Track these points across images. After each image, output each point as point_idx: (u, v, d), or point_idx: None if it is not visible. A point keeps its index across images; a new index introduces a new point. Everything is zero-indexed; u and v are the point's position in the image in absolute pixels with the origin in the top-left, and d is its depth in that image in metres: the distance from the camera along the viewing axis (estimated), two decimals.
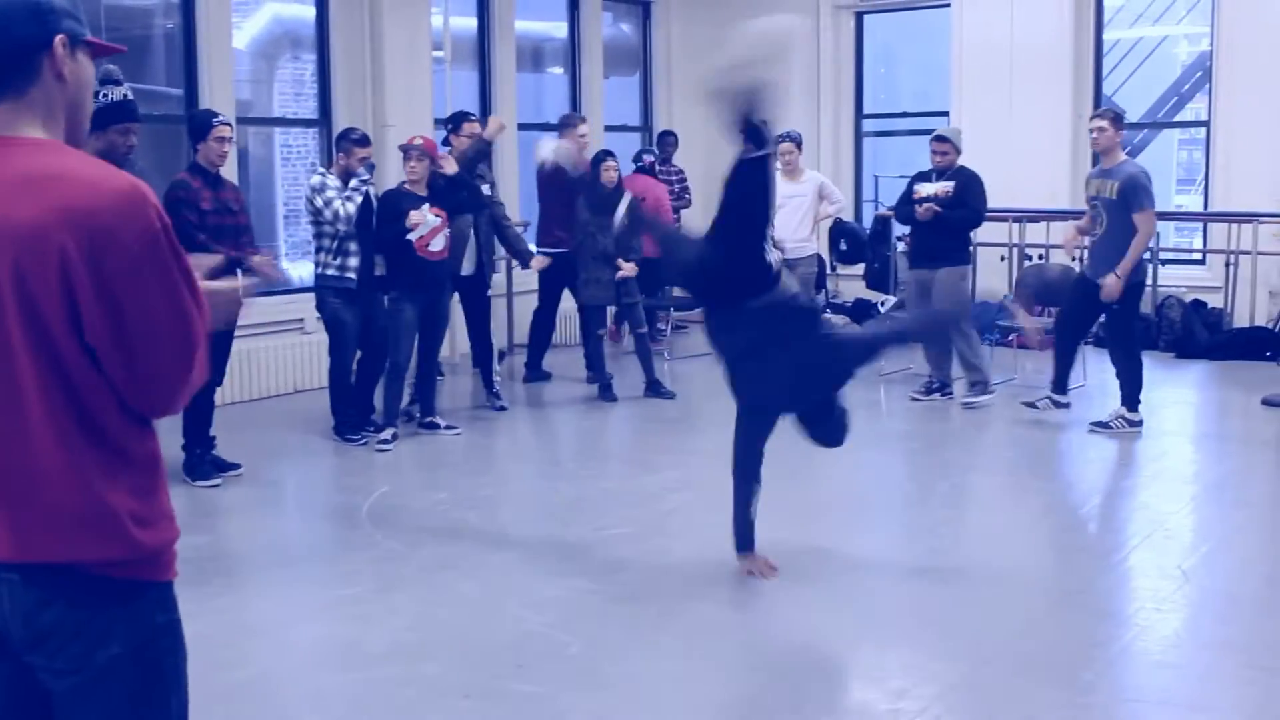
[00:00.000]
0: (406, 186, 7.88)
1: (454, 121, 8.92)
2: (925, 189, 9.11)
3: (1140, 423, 8.07)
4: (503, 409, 8.90)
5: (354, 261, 7.72)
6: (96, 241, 1.96)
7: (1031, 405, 8.47)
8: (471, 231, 8.70)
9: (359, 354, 7.99)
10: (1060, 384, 8.42)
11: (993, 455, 8.03)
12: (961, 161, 9.10)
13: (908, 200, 9.23)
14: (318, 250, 7.86)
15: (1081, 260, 9.06)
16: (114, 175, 2.04)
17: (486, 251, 8.96)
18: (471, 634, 4.85)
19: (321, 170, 8.01)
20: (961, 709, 4.19)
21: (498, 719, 4.09)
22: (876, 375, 9.48)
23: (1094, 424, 8.15)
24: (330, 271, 7.76)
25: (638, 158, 11.43)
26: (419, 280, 7.81)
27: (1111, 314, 8.14)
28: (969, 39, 12.53)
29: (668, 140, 12.36)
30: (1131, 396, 8.09)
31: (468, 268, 8.75)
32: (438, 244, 7.85)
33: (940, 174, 9.13)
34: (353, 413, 7.96)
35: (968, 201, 9.02)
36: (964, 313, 9.13)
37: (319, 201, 7.68)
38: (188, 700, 2.24)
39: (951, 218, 8.97)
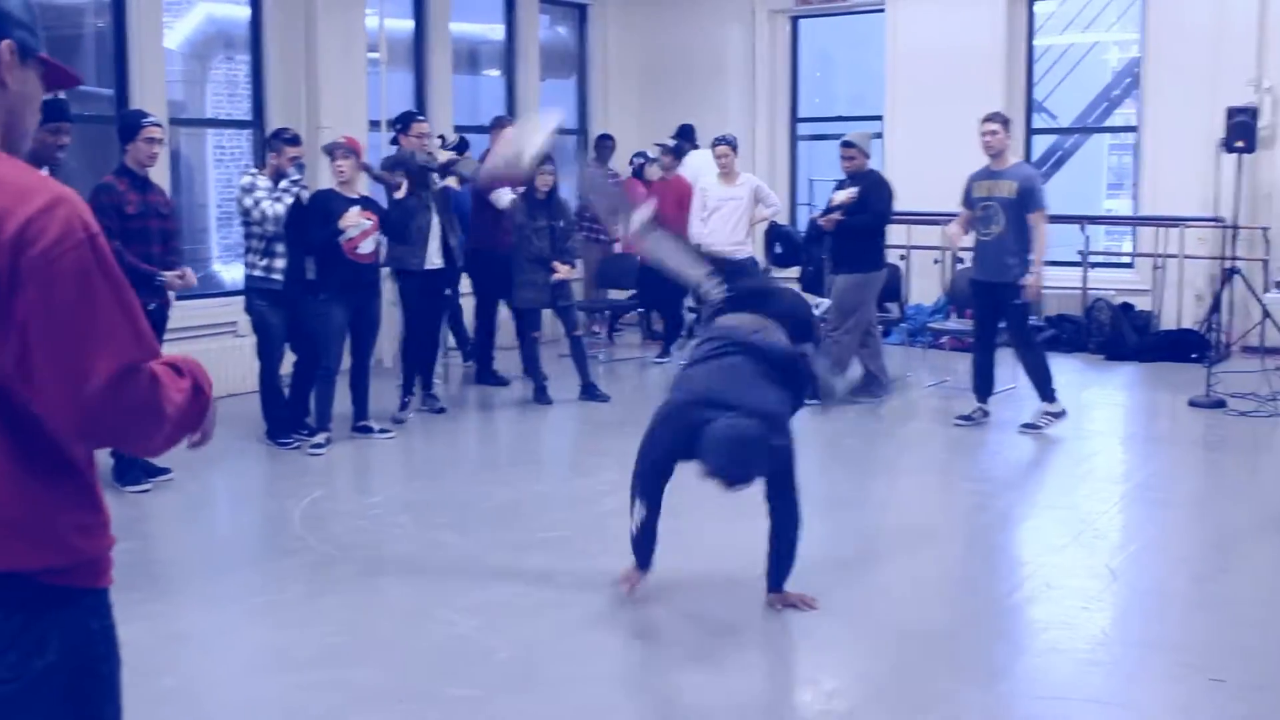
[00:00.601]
0: (336, 188, 7.83)
1: (402, 121, 8.85)
2: (837, 196, 9.23)
3: (1063, 412, 8.25)
4: (441, 411, 8.87)
5: (280, 263, 7.68)
6: (20, 250, 1.92)
7: (967, 419, 8.45)
8: (436, 224, 8.64)
9: (295, 358, 7.94)
10: (984, 391, 8.49)
11: (925, 456, 8.09)
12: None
13: (824, 210, 9.36)
14: (246, 251, 7.82)
15: (960, 262, 9.19)
16: (40, 184, 1.99)
17: (451, 246, 8.88)
18: (403, 639, 4.83)
19: (253, 171, 7.95)
20: (891, 709, 4.21)
21: None
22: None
23: (1024, 425, 8.25)
24: (256, 273, 7.72)
25: (639, 170, 11.53)
26: (348, 283, 7.76)
27: (1012, 311, 8.24)
28: (903, 44, 12.63)
29: (605, 144, 12.37)
30: (1045, 388, 8.26)
31: (435, 261, 8.70)
32: (367, 246, 7.80)
33: (849, 179, 9.21)
34: (285, 415, 7.89)
35: (870, 205, 9.10)
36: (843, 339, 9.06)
37: (248, 202, 7.63)
38: (121, 709, 2.22)
39: (852, 224, 9.06)
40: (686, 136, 12.08)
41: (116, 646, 2.20)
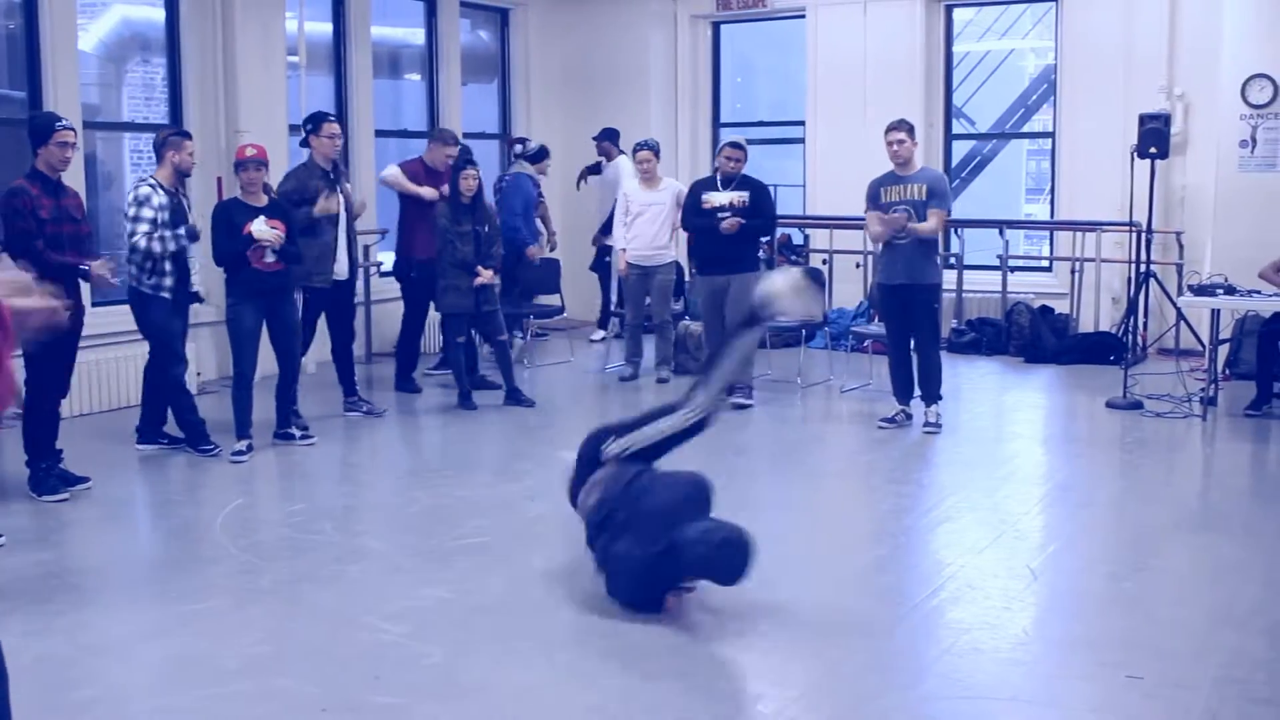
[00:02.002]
0: (241, 197, 7.74)
1: (313, 122, 8.75)
2: (717, 198, 9.27)
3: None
4: (379, 413, 8.92)
5: (169, 281, 7.48)
6: None
7: (891, 421, 8.56)
8: (343, 236, 8.59)
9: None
10: (905, 393, 8.60)
11: (846, 459, 8.14)
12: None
13: (698, 210, 9.36)
14: (128, 261, 7.54)
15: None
16: None
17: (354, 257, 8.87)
18: (328, 646, 4.78)
19: (151, 181, 7.55)
20: (816, 710, 4.24)
21: None
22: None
23: (928, 425, 8.43)
24: (145, 289, 7.48)
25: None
26: (256, 288, 7.69)
27: (929, 313, 8.38)
28: (823, 50, 12.74)
29: (542, 153, 12.28)
30: (938, 389, 8.47)
31: (340, 272, 8.64)
32: (270, 256, 7.68)
33: (728, 181, 9.28)
34: (201, 424, 7.78)
35: (764, 211, 9.32)
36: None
37: (129, 219, 7.40)
38: None
39: (752, 227, 9.21)
40: (611, 139, 12.09)
41: (2, 663, 2.14)
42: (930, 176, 8.47)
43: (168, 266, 7.45)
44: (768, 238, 9.81)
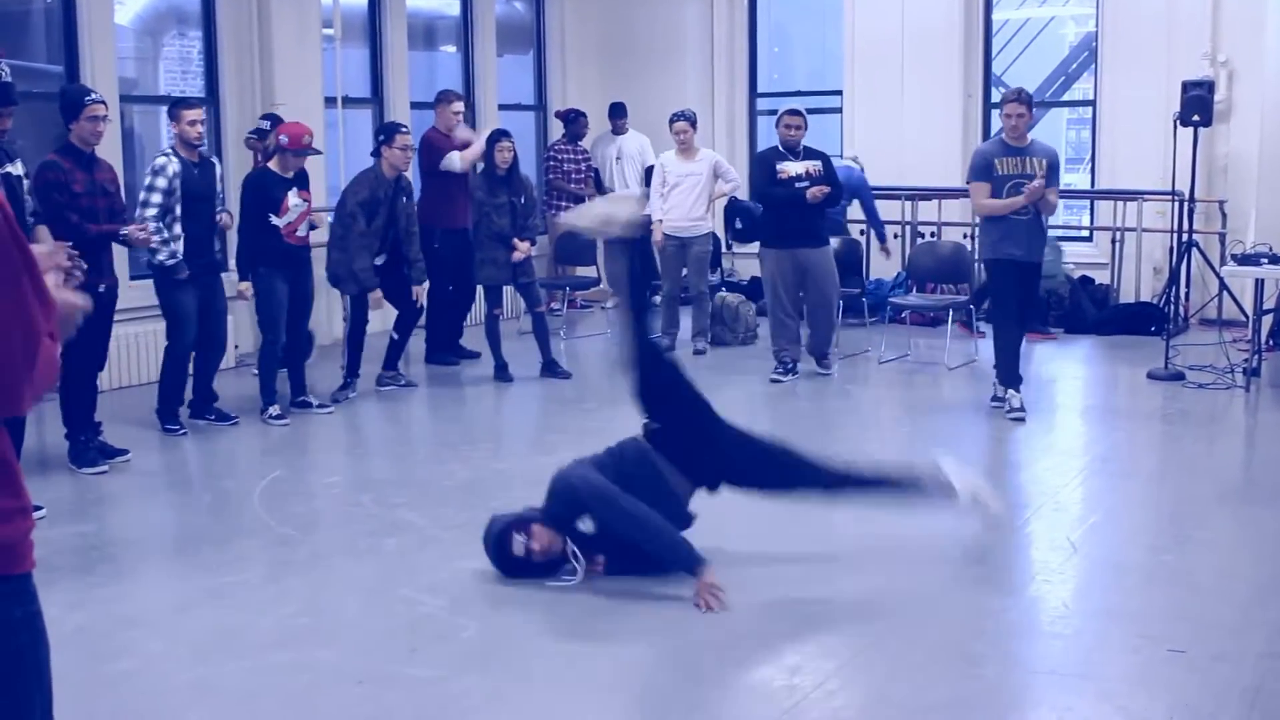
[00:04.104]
0: (273, 169, 7.77)
1: (385, 132, 8.59)
2: (793, 168, 9.07)
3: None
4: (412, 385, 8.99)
5: (181, 249, 7.42)
6: None
7: (1000, 400, 8.07)
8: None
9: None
10: (1013, 376, 8.01)
11: (886, 432, 8.10)
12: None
13: (773, 180, 9.09)
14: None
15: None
16: None
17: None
18: (364, 619, 4.79)
19: (167, 151, 7.55)
20: (856, 683, 4.21)
21: (392, 705, 4.03)
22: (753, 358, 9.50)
23: (1014, 412, 7.93)
24: (160, 259, 7.41)
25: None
26: (285, 259, 7.75)
27: (1036, 291, 8.08)
28: (861, 19, 12.62)
29: (579, 121, 12.28)
30: (1017, 373, 8.03)
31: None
32: (305, 229, 7.75)
33: (793, 150, 9.14)
34: (178, 404, 7.75)
35: (833, 180, 9.15)
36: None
37: (144, 188, 7.39)
38: (51, 695, 2.16)
39: (831, 197, 9.09)
40: (620, 114, 12.20)
41: (43, 633, 2.14)
42: (1047, 151, 7.98)
43: (177, 230, 7.40)
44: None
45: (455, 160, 9.42)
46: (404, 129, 8.62)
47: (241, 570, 5.36)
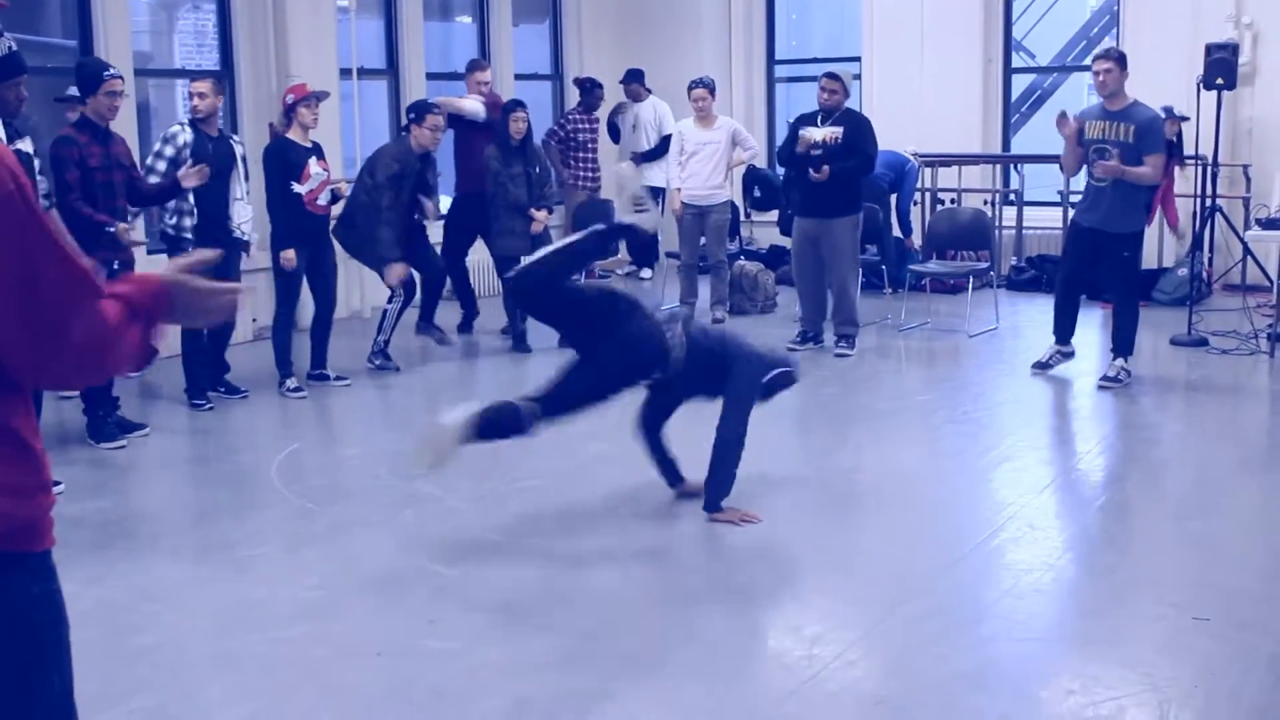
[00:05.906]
0: (293, 137, 7.75)
1: (416, 110, 8.55)
2: (812, 134, 8.88)
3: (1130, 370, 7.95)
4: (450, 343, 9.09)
5: (189, 220, 7.42)
6: None
7: (1045, 365, 8.15)
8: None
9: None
10: (1066, 334, 8.12)
11: (905, 398, 8.05)
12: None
13: (792, 147, 8.99)
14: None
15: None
16: None
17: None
18: (383, 591, 4.78)
19: (182, 121, 7.58)
20: (875, 653, 4.18)
21: (411, 676, 4.02)
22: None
23: (1104, 379, 7.88)
24: (167, 230, 7.44)
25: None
26: (306, 232, 7.74)
27: (1123, 262, 7.84)
28: None
29: (595, 91, 12.20)
30: (1129, 343, 7.90)
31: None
32: (326, 197, 7.77)
33: (826, 116, 8.95)
34: (205, 378, 7.75)
35: (858, 147, 8.81)
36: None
37: (153, 154, 7.41)
38: (72, 671, 2.15)
39: (845, 169, 8.77)
40: (637, 80, 12.15)
41: (62, 610, 2.12)
42: (1142, 116, 7.74)
43: (185, 206, 7.39)
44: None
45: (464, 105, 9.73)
46: (436, 109, 8.53)
47: (260, 543, 5.36)
